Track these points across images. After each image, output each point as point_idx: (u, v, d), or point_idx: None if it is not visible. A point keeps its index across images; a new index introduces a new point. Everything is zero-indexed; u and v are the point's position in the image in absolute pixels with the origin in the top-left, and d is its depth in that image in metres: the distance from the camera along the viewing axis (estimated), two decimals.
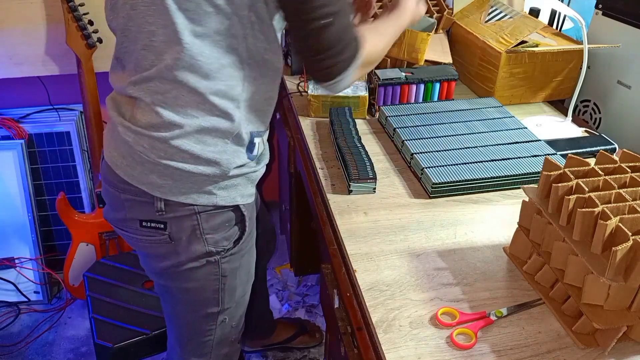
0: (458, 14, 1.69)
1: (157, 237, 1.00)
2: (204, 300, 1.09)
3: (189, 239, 1.00)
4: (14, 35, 1.75)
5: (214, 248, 1.02)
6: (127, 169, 0.96)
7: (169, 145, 0.92)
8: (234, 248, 1.06)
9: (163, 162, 0.93)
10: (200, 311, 1.11)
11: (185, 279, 1.06)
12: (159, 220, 0.98)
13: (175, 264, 1.03)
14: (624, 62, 1.42)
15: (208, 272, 1.05)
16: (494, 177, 1.15)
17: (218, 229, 1.01)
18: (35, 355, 1.89)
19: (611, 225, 0.75)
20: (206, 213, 0.99)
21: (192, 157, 0.93)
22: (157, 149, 0.93)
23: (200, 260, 1.03)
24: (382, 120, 1.42)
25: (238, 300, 1.15)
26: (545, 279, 0.90)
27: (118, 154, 0.97)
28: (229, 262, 1.06)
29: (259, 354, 1.87)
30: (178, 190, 0.95)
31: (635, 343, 0.82)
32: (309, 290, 2.13)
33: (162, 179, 0.94)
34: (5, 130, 1.91)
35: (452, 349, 0.81)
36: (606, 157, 0.89)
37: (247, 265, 1.14)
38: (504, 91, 1.51)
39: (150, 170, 0.94)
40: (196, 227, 0.99)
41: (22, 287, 2.03)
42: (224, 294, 1.10)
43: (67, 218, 1.87)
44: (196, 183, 0.96)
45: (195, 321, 1.13)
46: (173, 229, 0.99)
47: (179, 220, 0.98)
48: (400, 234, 1.04)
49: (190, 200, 0.96)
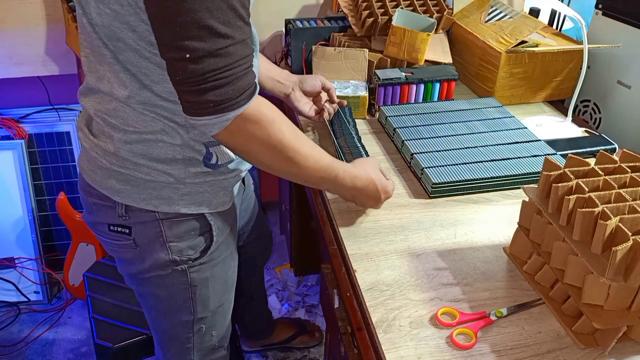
0: (458, 14, 1.68)
1: (123, 242, 0.99)
2: (175, 308, 1.07)
3: (153, 245, 0.98)
4: (14, 35, 1.75)
5: (178, 257, 0.99)
6: (91, 174, 0.96)
7: (117, 155, 0.91)
8: (203, 257, 1.02)
9: (116, 169, 0.92)
10: (173, 319, 1.09)
11: (153, 286, 1.04)
12: (124, 224, 0.97)
13: (141, 270, 1.02)
14: (624, 62, 1.42)
15: (176, 280, 1.02)
16: (494, 177, 1.15)
17: (182, 238, 0.98)
18: (35, 355, 1.89)
19: (611, 225, 0.75)
20: (169, 220, 0.96)
21: (143, 166, 0.91)
22: (109, 156, 0.91)
23: (165, 268, 1.00)
24: (382, 120, 1.42)
25: (214, 309, 1.11)
26: (545, 279, 0.90)
27: (85, 158, 0.98)
28: (198, 272, 1.03)
29: (259, 354, 1.87)
30: (137, 196, 0.93)
31: (635, 343, 0.82)
32: (309, 290, 2.13)
33: (120, 184, 0.93)
34: (5, 130, 1.91)
35: (452, 349, 0.81)
36: (606, 157, 0.89)
37: (222, 275, 1.10)
38: (504, 91, 1.51)
39: (108, 175, 0.93)
40: (159, 234, 0.97)
41: (22, 287, 2.03)
42: (196, 304, 1.07)
43: (67, 218, 1.87)
44: (155, 189, 0.93)
45: (170, 328, 1.12)
46: (137, 235, 0.97)
47: (143, 226, 0.96)
48: (400, 234, 1.04)
49: (151, 206, 0.94)
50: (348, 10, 1.64)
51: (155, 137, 0.89)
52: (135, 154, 0.90)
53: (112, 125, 0.90)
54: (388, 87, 1.44)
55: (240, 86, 0.79)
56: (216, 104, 0.78)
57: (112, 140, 0.90)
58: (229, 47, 0.75)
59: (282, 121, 0.87)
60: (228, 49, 0.75)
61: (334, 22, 1.68)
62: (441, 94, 1.48)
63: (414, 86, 1.45)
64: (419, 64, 1.50)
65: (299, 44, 1.61)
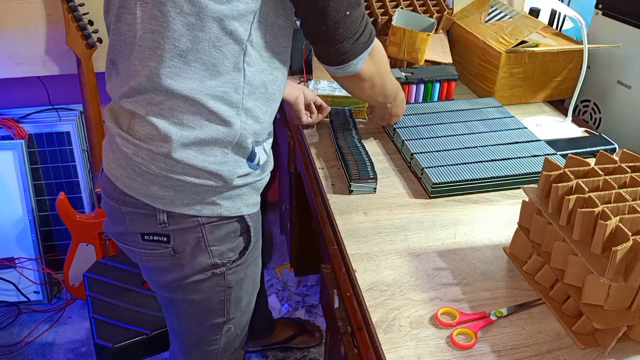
0: (458, 14, 1.69)
1: (160, 251, 0.98)
2: (209, 311, 1.07)
3: (194, 251, 0.97)
4: (14, 35, 1.75)
5: (220, 260, 1.00)
6: (127, 181, 0.93)
7: (168, 157, 0.89)
8: (240, 259, 1.03)
9: (163, 174, 0.90)
10: (206, 322, 1.09)
11: (190, 292, 1.03)
12: (162, 233, 0.96)
13: (179, 277, 1.01)
14: (624, 62, 1.42)
15: (213, 284, 1.03)
16: (494, 177, 1.15)
17: (223, 241, 0.99)
18: (35, 355, 1.89)
19: (611, 225, 0.75)
20: (210, 224, 0.96)
21: (193, 168, 0.90)
22: (157, 160, 0.90)
23: (205, 272, 1.00)
24: None
25: (244, 309, 1.13)
26: (545, 279, 0.90)
27: (117, 165, 0.94)
28: (234, 274, 1.04)
29: (259, 354, 1.87)
30: (181, 201, 0.93)
31: (635, 343, 0.82)
32: (309, 290, 2.13)
33: (164, 190, 0.92)
34: (5, 130, 1.91)
35: (452, 349, 0.81)
36: (606, 157, 0.89)
37: (253, 275, 1.12)
38: (504, 91, 1.51)
39: (151, 181, 0.91)
40: (201, 239, 0.97)
41: (22, 287, 2.03)
42: (230, 305, 1.08)
43: (67, 218, 1.87)
44: (199, 194, 0.93)
45: (200, 332, 1.11)
46: (177, 242, 0.96)
47: (183, 233, 0.96)
48: (400, 234, 1.04)
49: (194, 211, 0.94)
50: None
51: (211, 136, 0.89)
52: (189, 156, 0.89)
53: (170, 124, 0.88)
54: None
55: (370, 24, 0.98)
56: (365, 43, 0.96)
57: (169, 141, 0.88)
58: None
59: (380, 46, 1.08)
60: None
61: None
62: (441, 94, 1.48)
63: (414, 86, 1.45)
64: (419, 64, 1.50)
65: (299, 44, 1.61)
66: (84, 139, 2.01)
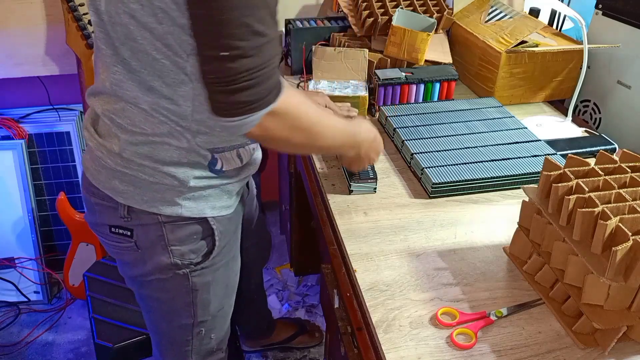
0: (458, 14, 1.68)
1: (124, 244, 0.98)
2: (175, 311, 1.06)
3: (155, 249, 0.97)
4: (14, 35, 1.75)
5: (180, 260, 0.98)
6: (95, 173, 0.95)
7: (122, 156, 0.90)
8: (205, 262, 1.01)
9: (119, 170, 0.91)
10: (174, 322, 1.09)
11: (155, 289, 1.03)
12: (126, 226, 0.96)
13: (142, 273, 1.01)
14: (624, 62, 1.42)
15: (177, 284, 1.02)
16: (494, 177, 1.15)
17: (185, 241, 0.98)
18: (35, 355, 1.89)
19: (611, 225, 0.75)
20: (171, 224, 0.95)
21: (148, 167, 0.91)
22: (114, 156, 0.91)
23: (166, 272, 0.99)
24: (382, 120, 1.42)
25: (214, 313, 1.11)
26: (545, 279, 0.90)
27: (89, 157, 0.97)
28: (200, 276, 1.02)
29: (259, 354, 1.87)
30: (140, 197, 0.93)
31: (635, 343, 0.82)
32: (309, 290, 2.13)
33: (124, 185, 0.92)
34: (5, 130, 1.91)
35: (452, 349, 0.81)
36: (606, 157, 0.89)
37: (224, 279, 1.09)
38: (504, 91, 1.51)
39: (112, 175, 0.92)
40: (161, 237, 0.96)
41: (22, 287, 2.03)
42: (196, 308, 1.06)
43: (67, 218, 1.87)
44: (158, 192, 0.92)
45: (170, 331, 1.11)
46: (139, 237, 0.96)
47: (145, 229, 0.96)
48: (400, 234, 1.04)
49: (154, 209, 0.93)
50: (348, 10, 1.64)
51: (162, 140, 0.89)
52: (140, 156, 0.90)
53: (119, 126, 0.89)
54: (388, 87, 1.44)
55: (270, 85, 0.80)
56: (247, 104, 0.79)
57: (118, 141, 0.90)
58: (263, 46, 0.76)
59: (306, 103, 0.91)
60: (262, 47, 0.76)
61: (334, 22, 1.68)
62: (441, 94, 1.48)
63: (414, 86, 1.45)
64: (419, 64, 1.50)
65: (299, 44, 1.61)
66: (84, 139, 2.01)
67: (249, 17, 0.73)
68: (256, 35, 0.75)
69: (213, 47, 0.75)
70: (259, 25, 0.75)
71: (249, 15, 0.73)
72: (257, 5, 0.74)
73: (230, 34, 0.73)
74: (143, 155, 0.90)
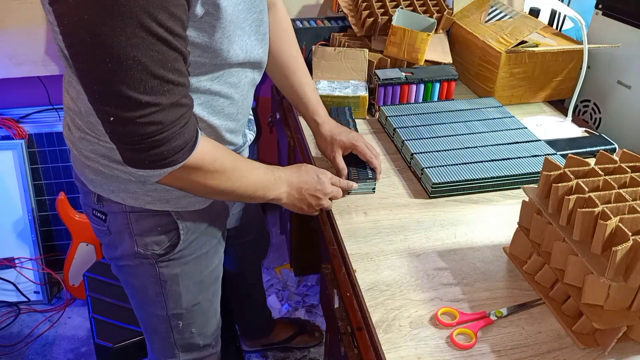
0: (458, 14, 1.68)
1: (101, 227, 1.02)
2: (148, 300, 1.09)
3: (122, 235, 1.00)
4: (14, 35, 1.75)
5: (143, 250, 1.00)
6: (73, 159, 1.00)
7: (80, 150, 0.94)
8: (170, 254, 1.02)
9: (82, 161, 0.95)
10: (150, 311, 1.11)
11: (127, 275, 1.07)
12: (101, 210, 1.00)
13: (115, 257, 1.05)
14: (624, 62, 1.42)
15: (146, 272, 1.04)
16: (494, 177, 1.15)
17: (148, 232, 0.99)
18: (35, 355, 1.89)
19: (611, 225, 0.75)
20: (135, 213, 0.97)
21: (106, 165, 0.93)
22: (78, 149, 0.95)
23: (133, 260, 1.02)
24: (382, 120, 1.42)
25: (188, 307, 1.10)
26: (545, 279, 0.90)
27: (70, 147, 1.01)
28: (167, 267, 1.03)
29: (258, 354, 1.87)
30: (107, 187, 0.95)
31: (635, 343, 0.82)
32: (309, 290, 2.13)
33: (92, 174, 0.96)
34: (5, 130, 1.91)
35: (452, 349, 0.81)
36: (606, 157, 0.89)
37: (195, 274, 1.08)
38: (504, 91, 1.51)
39: (82, 164, 0.96)
40: (127, 225, 0.99)
41: (22, 287, 2.03)
42: (167, 299, 1.07)
43: (67, 218, 1.87)
44: (122, 183, 0.94)
45: (148, 320, 1.14)
46: (111, 222, 1.00)
47: (114, 216, 0.99)
48: (400, 234, 1.04)
49: (119, 199, 0.96)
50: (348, 10, 1.64)
51: (112, 144, 0.87)
52: (97, 154, 0.93)
53: (77, 126, 0.93)
54: (388, 87, 1.44)
55: (177, 145, 0.78)
56: (153, 162, 0.78)
57: (78, 138, 0.94)
58: (154, 114, 0.73)
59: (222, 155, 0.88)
60: (153, 116, 0.73)
61: (334, 22, 1.68)
62: (441, 94, 1.48)
63: (414, 86, 1.45)
64: (419, 64, 1.50)
65: (299, 44, 1.61)
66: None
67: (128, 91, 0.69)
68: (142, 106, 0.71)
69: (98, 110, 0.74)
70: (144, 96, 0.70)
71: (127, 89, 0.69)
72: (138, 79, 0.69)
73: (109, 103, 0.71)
74: (99, 154, 0.92)
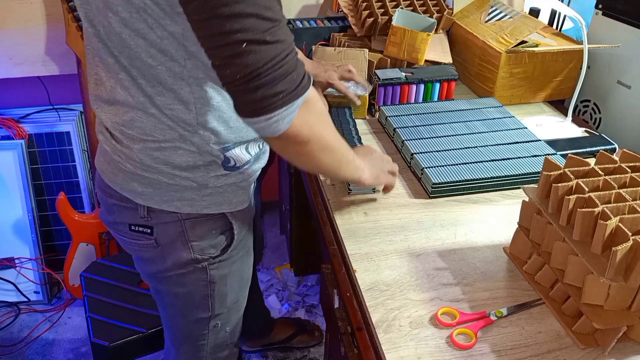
0: (458, 14, 1.68)
1: (144, 242, 0.99)
2: (193, 305, 1.08)
3: (175, 245, 0.98)
4: (14, 35, 1.75)
5: (200, 255, 1.00)
6: (111, 176, 0.95)
7: (140, 160, 0.91)
8: (222, 255, 1.03)
9: (139, 173, 0.92)
10: (191, 316, 1.10)
11: (174, 284, 1.05)
12: (146, 224, 0.97)
13: (162, 269, 1.02)
14: (624, 62, 1.42)
15: (196, 278, 1.03)
16: (494, 177, 1.15)
17: (204, 237, 0.99)
18: (35, 355, 1.89)
19: (611, 225, 0.75)
20: (191, 220, 0.96)
21: (166, 172, 0.91)
22: (133, 160, 0.91)
23: (187, 267, 1.01)
24: (382, 120, 1.42)
25: (230, 306, 1.12)
26: (545, 279, 0.90)
27: (104, 159, 0.97)
28: (217, 269, 1.04)
29: (258, 354, 1.87)
30: (160, 198, 0.93)
31: (635, 343, 0.82)
32: (309, 290, 2.13)
33: (143, 187, 0.93)
34: (5, 130, 1.91)
35: (452, 349, 0.81)
36: (606, 157, 0.89)
37: (239, 272, 1.11)
38: (504, 91, 1.51)
39: (130, 178, 0.93)
40: (181, 233, 0.97)
41: (22, 287, 2.03)
42: (214, 300, 1.08)
43: (67, 218, 1.87)
44: (177, 191, 0.93)
45: (186, 325, 1.12)
46: (159, 234, 0.97)
47: (165, 227, 0.97)
48: (400, 234, 1.04)
49: (173, 208, 0.94)
50: (348, 10, 1.64)
51: (174, 145, 0.89)
52: (158, 161, 0.90)
53: (130, 137, 0.89)
54: (388, 87, 1.44)
55: (301, 70, 0.74)
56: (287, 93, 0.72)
57: (134, 149, 0.90)
58: (278, 31, 0.70)
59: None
60: (277, 33, 0.70)
61: (334, 22, 1.68)
62: (441, 94, 1.48)
63: (414, 86, 1.45)
64: (419, 64, 1.50)
65: (299, 44, 1.61)
66: (84, 139, 2.01)
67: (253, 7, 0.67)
68: (267, 21, 0.69)
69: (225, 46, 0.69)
70: (267, 11, 0.68)
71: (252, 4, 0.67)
72: None
73: (237, 29, 0.67)
74: (160, 161, 0.90)
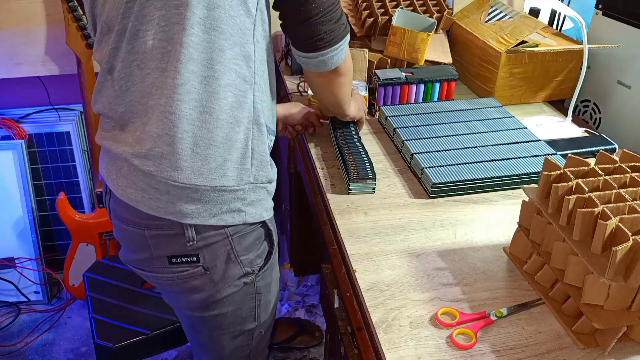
0: (458, 14, 1.69)
1: (190, 271, 0.96)
2: (241, 320, 1.07)
3: (225, 264, 0.97)
4: (14, 35, 1.75)
5: (250, 268, 1.01)
6: (151, 202, 0.89)
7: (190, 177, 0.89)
8: (266, 264, 1.04)
9: (188, 195, 0.89)
10: (237, 331, 1.09)
11: (223, 305, 1.03)
12: (190, 253, 0.94)
13: (212, 294, 1.00)
14: (624, 62, 1.42)
15: (244, 293, 1.03)
16: (494, 177, 1.15)
17: (250, 249, 0.99)
18: (35, 355, 1.89)
19: (611, 225, 0.75)
20: (238, 235, 0.96)
21: (215, 177, 0.89)
22: (185, 177, 0.88)
23: (237, 284, 1.01)
24: (382, 120, 1.42)
25: (273, 312, 1.14)
26: (545, 279, 0.90)
27: (135, 189, 0.90)
28: (263, 279, 1.05)
29: None
30: (208, 213, 0.91)
31: (635, 343, 0.82)
32: (309, 290, 2.13)
33: (191, 204, 0.89)
34: (5, 130, 1.91)
35: (452, 349, 0.81)
36: (606, 157, 0.89)
37: (277, 276, 1.13)
38: (504, 91, 1.51)
39: (177, 197, 0.88)
40: (230, 251, 0.96)
41: (22, 287, 2.03)
42: (260, 310, 1.08)
43: (67, 218, 1.87)
44: (225, 202, 0.91)
45: (232, 342, 1.10)
46: (207, 259, 0.95)
47: (212, 248, 0.94)
48: (400, 234, 1.04)
49: (221, 221, 0.92)
50: (348, 10, 1.64)
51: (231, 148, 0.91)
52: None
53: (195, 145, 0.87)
54: (388, 87, 1.44)
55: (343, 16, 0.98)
56: (345, 26, 0.96)
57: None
58: None
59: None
60: None
61: None
62: (441, 94, 1.48)
63: (414, 86, 1.45)
64: (419, 64, 1.50)
65: None
66: (84, 139, 2.01)
67: None
68: None
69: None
70: None
71: None
72: None
73: None
74: (213, 168, 0.89)
